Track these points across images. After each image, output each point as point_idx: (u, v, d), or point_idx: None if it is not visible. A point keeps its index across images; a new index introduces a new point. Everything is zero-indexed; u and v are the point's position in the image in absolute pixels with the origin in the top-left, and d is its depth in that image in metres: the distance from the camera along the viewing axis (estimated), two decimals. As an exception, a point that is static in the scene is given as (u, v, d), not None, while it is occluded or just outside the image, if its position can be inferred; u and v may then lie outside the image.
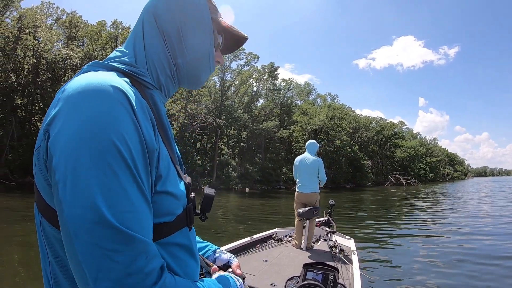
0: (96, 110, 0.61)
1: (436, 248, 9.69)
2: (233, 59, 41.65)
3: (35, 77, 30.66)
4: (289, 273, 3.97)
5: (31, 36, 29.39)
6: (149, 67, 0.84)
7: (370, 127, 68.02)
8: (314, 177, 5.79)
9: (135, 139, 0.64)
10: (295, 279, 3.28)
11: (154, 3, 0.85)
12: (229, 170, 40.31)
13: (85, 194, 0.57)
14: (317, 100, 57.02)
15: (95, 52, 32.80)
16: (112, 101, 0.63)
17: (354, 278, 3.90)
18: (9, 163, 28.02)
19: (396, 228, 13.80)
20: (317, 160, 5.88)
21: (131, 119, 0.64)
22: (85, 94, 0.62)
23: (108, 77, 0.67)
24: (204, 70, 0.93)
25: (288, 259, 4.83)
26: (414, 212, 20.20)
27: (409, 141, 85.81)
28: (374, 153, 68.42)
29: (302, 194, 5.78)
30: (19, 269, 6.48)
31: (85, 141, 0.59)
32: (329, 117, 49.37)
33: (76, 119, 0.60)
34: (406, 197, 36.56)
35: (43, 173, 0.66)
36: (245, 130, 43.37)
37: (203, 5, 0.89)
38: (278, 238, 5.90)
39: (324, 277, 3.11)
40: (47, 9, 35.60)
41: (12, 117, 28.71)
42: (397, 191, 46.57)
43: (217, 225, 12.70)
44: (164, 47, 0.85)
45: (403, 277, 6.74)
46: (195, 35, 0.88)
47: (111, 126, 0.61)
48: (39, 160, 0.67)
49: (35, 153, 0.68)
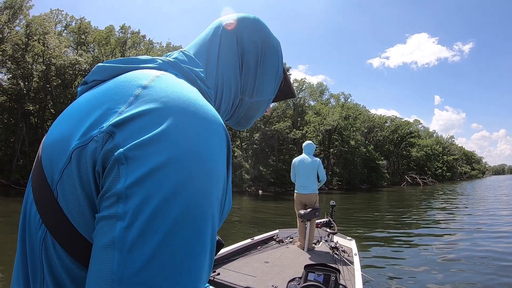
0: (212, 161, 0.47)
1: (442, 249, 9.58)
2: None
3: (45, 83, 30.65)
4: (291, 274, 3.95)
5: (40, 43, 29.48)
6: (216, 91, 0.70)
7: (385, 126, 66.29)
8: (313, 178, 5.71)
9: (219, 203, 0.49)
10: (297, 281, 3.30)
11: (239, 25, 0.74)
12: (242, 173, 39.48)
13: (183, 273, 0.41)
14: (330, 100, 55.64)
15: (103, 57, 32.39)
16: (222, 151, 0.50)
17: (355, 279, 3.92)
18: (20, 168, 28.00)
19: (406, 228, 13.67)
20: (316, 160, 5.78)
21: (224, 180, 0.51)
22: (193, 120, 0.47)
23: (204, 101, 0.52)
24: (258, 115, 0.85)
25: (289, 260, 4.76)
26: (428, 213, 19.90)
27: (425, 139, 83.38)
28: (389, 153, 66.67)
29: (302, 195, 5.70)
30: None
31: (196, 204, 0.43)
32: (343, 117, 48.08)
33: (188, 160, 0.44)
34: (421, 197, 35.63)
35: (84, 185, 0.46)
36: (257, 132, 42.42)
37: (280, 52, 0.82)
38: (279, 239, 5.82)
39: (326, 278, 3.13)
40: (56, 16, 35.96)
41: (22, 123, 28.60)
42: (413, 191, 45.51)
43: (229, 227, 12.55)
44: (238, 77, 0.73)
45: (405, 278, 6.70)
46: (269, 78, 0.79)
47: (215, 193, 0.47)
48: (80, 163, 0.46)
49: (75, 151, 0.47)
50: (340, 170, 50.64)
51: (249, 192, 36.99)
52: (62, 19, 36.73)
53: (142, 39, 35.57)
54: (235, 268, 4.18)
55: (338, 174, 50.70)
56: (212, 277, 3.74)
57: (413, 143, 71.17)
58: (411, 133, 68.82)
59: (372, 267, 7.36)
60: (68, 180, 0.47)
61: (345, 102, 53.78)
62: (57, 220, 0.47)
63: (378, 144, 64.77)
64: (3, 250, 8.00)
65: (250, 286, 3.61)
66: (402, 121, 69.29)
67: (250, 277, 3.91)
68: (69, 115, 0.55)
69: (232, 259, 4.55)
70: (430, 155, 79.16)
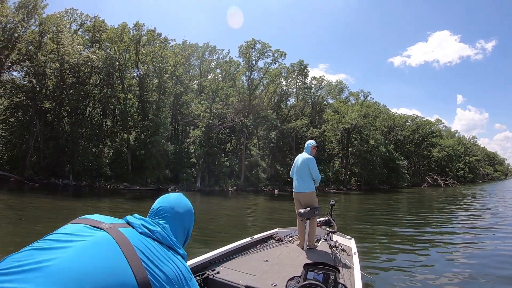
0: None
1: (446, 251, 9.86)
2: (260, 57, 39.34)
3: (59, 81, 30.29)
4: (290, 273, 3.87)
5: (55, 42, 29.18)
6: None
7: (406, 125, 63.58)
8: (306, 177, 5.56)
9: None
10: (296, 279, 3.34)
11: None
12: (258, 172, 38.11)
13: None
14: (349, 98, 53.60)
15: (117, 54, 31.59)
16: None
17: (354, 278, 3.92)
18: (33, 164, 27.72)
19: (416, 229, 13.99)
20: (307, 157, 5.62)
21: None
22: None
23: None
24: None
25: (288, 259, 4.71)
26: (443, 215, 19.81)
27: (447, 139, 79.97)
28: (410, 153, 63.91)
29: (296, 194, 5.66)
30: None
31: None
32: (362, 115, 45.96)
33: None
34: (441, 199, 34.79)
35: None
36: (274, 130, 40.95)
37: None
38: (279, 238, 5.76)
39: (325, 277, 3.17)
40: (71, 15, 35.84)
41: (36, 120, 28.23)
42: (434, 193, 44.36)
43: (244, 226, 12.92)
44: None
45: (405, 278, 6.81)
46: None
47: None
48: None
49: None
50: (359, 170, 48.63)
51: (265, 191, 35.60)
52: (77, 18, 36.59)
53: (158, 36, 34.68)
54: (234, 267, 4.11)
55: (357, 174, 48.71)
56: (211, 275, 3.72)
57: (435, 143, 68.08)
58: (432, 132, 65.78)
59: (372, 267, 7.44)
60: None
61: (365, 100, 51.56)
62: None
63: (399, 144, 62.06)
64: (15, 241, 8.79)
65: (250, 285, 3.57)
66: (423, 120, 66.29)
67: (250, 276, 3.85)
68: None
69: (231, 257, 4.44)
70: (451, 155, 75.68)
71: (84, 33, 36.84)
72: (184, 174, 32.43)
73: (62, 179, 27.87)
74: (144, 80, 34.24)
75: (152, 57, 32.66)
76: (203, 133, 33.36)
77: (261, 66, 40.30)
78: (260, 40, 38.78)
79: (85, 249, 0.97)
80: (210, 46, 41.86)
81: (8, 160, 28.95)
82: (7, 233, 10.04)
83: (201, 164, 33.30)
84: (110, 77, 32.99)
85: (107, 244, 1.02)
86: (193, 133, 33.70)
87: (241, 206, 24.33)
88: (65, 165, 28.13)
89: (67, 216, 11.89)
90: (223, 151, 38.41)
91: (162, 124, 32.13)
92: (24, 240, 7.58)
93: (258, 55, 39.11)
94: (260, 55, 39.10)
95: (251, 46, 38.63)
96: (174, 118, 39.54)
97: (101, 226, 1.09)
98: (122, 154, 32.18)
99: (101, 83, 33.50)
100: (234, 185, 35.41)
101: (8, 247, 7.89)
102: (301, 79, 43.89)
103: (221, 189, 34.04)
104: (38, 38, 29.07)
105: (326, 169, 46.47)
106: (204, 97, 37.66)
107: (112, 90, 32.94)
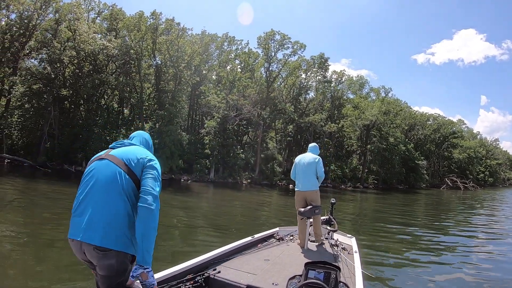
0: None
1: (458, 255, 9.68)
2: (279, 49, 37.87)
3: (75, 69, 30.05)
4: (291, 272, 3.84)
5: (71, 30, 28.91)
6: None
7: (427, 124, 61.01)
8: (311, 175, 5.45)
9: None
10: (297, 278, 3.34)
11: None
12: (273, 165, 36.80)
13: (159, 185, 2.22)
14: (370, 94, 51.53)
15: (133, 42, 30.80)
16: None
17: (356, 277, 3.85)
18: (47, 150, 27.48)
19: (429, 232, 13.74)
20: (316, 157, 5.51)
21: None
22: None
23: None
24: None
25: (289, 258, 4.62)
26: (456, 218, 19.39)
27: (468, 141, 76.67)
28: (430, 153, 61.33)
29: (300, 193, 5.53)
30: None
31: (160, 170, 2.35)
32: (382, 112, 43.98)
33: (158, 163, 2.35)
34: (458, 202, 33.70)
35: (141, 166, 2.25)
36: (291, 124, 39.46)
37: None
38: (280, 237, 5.62)
39: (326, 275, 3.15)
40: (89, 4, 35.37)
41: (51, 106, 27.86)
42: (453, 196, 42.84)
43: (256, 222, 12.41)
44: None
45: (405, 278, 6.86)
46: None
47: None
48: (139, 164, 2.24)
49: (140, 160, 2.26)
50: (376, 168, 46.72)
51: (280, 186, 34.24)
52: (95, 7, 36.02)
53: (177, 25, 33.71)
54: (235, 266, 4.04)
55: (375, 172, 46.82)
56: (212, 275, 3.67)
57: (456, 144, 65.27)
58: (454, 133, 62.99)
59: (373, 264, 7.51)
60: (137, 166, 2.23)
61: (385, 97, 49.42)
62: (132, 175, 2.20)
63: (419, 143, 59.51)
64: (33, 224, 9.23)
65: (251, 284, 3.53)
66: (445, 120, 63.55)
67: (251, 275, 3.79)
68: (127, 151, 2.33)
69: (232, 257, 4.37)
70: (472, 157, 72.38)
71: (102, 21, 36.33)
72: (198, 165, 31.39)
73: (75, 166, 27.27)
74: (160, 70, 33.47)
75: (168, 45, 31.67)
76: (218, 124, 32.19)
77: (280, 58, 38.88)
78: (279, 31, 37.38)
79: (101, 167, 2.22)
80: (229, 36, 40.58)
81: (23, 146, 28.65)
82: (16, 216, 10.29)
83: (215, 156, 32.18)
84: (126, 66, 32.33)
85: (107, 163, 2.23)
86: (208, 123, 32.56)
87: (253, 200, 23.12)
88: (79, 152, 27.53)
89: (64, 203, 12.43)
90: (239, 143, 37.20)
91: (177, 114, 31.13)
92: (31, 221, 9.72)
93: (277, 47, 37.63)
94: (279, 46, 37.61)
95: (270, 37, 37.21)
96: (191, 108, 38.64)
97: (102, 157, 2.29)
98: (136, 143, 31.33)
99: (118, 71, 32.79)
100: (248, 178, 34.21)
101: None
102: (321, 72, 42.14)
103: (235, 182, 32.88)
104: (55, 26, 28.70)
105: (344, 166, 44.84)
106: (221, 87, 36.50)
107: (128, 78, 32.24)
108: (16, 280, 5.52)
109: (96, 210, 2.05)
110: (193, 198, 21.76)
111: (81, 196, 2.13)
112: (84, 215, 2.05)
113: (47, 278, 5.65)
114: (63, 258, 6.43)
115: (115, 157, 2.22)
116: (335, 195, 32.57)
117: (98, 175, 2.16)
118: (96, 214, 2.04)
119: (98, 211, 2.05)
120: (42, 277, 5.69)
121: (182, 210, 15.78)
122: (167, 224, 10.69)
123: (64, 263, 6.20)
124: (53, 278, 5.67)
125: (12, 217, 10.02)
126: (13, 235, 7.91)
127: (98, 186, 2.12)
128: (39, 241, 7.80)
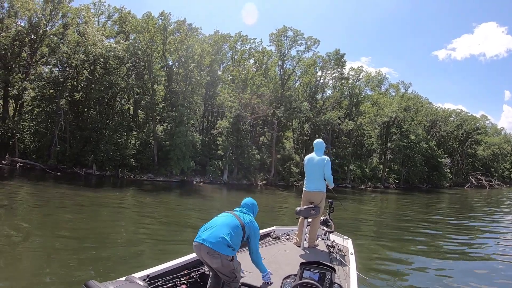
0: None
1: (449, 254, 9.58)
2: (292, 45, 35.88)
3: (86, 72, 29.36)
4: (286, 271, 3.77)
5: (80, 35, 28.34)
6: None
7: (449, 120, 57.45)
8: (319, 176, 5.32)
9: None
10: (292, 278, 3.34)
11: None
12: (290, 166, 34.75)
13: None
14: (389, 90, 48.64)
15: (142, 43, 29.67)
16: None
17: (350, 279, 3.86)
18: (57, 154, 26.65)
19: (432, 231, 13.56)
20: (324, 159, 5.33)
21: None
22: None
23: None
24: None
25: (285, 257, 4.62)
26: (468, 220, 18.29)
27: (492, 137, 72.18)
28: (453, 150, 57.65)
29: (307, 193, 5.40)
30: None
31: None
32: (402, 108, 41.22)
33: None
34: (481, 201, 31.70)
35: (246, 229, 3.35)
36: (307, 122, 37.29)
37: None
38: (276, 236, 5.52)
39: (321, 276, 3.13)
40: (98, 8, 34.92)
41: (61, 110, 27.09)
42: (477, 195, 39.78)
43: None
44: None
45: (402, 279, 6.88)
46: None
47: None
48: (245, 226, 3.33)
49: (247, 225, 3.31)
50: (398, 167, 43.90)
51: (297, 187, 32.12)
52: (104, 11, 35.46)
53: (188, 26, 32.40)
54: None
55: (396, 172, 43.98)
56: (208, 271, 3.57)
57: (480, 141, 61.30)
58: (477, 129, 59.01)
59: (368, 268, 7.36)
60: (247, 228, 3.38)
61: (405, 92, 46.48)
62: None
63: (441, 140, 55.93)
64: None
65: (246, 282, 3.50)
66: (468, 115, 59.71)
67: (247, 273, 3.71)
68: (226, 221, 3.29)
69: None
70: (497, 154, 67.89)
71: (113, 25, 35.70)
72: (211, 166, 29.70)
73: (86, 169, 26.16)
74: (171, 71, 32.06)
75: (177, 45, 30.26)
76: (231, 124, 30.41)
77: (293, 54, 36.88)
78: (291, 27, 35.44)
79: (225, 220, 3.23)
80: (242, 35, 38.86)
81: (34, 149, 27.81)
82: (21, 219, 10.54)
83: (228, 156, 30.41)
84: (137, 68, 31.22)
85: (231, 216, 3.29)
86: (220, 124, 30.86)
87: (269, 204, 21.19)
88: (89, 155, 26.43)
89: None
90: (255, 144, 35.33)
91: (189, 115, 29.57)
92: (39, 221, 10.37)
93: (290, 43, 35.67)
94: (292, 43, 35.64)
95: (282, 33, 35.31)
96: (206, 109, 37.19)
97: (230, 212, 3.37)
98: (148, 145, 30.06)
99: (128, 73, 31.69)
100: (264, 179, 32.27)
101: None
102: (338, 69, 39.83)
103: (250, 183, 30.99)
104: (62, 30, 28.02)
105: (363, 165, 42.29)
106: (233, 87, 34.81)
107: (138, 80, 31.10)
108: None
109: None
110: (199, 199, 20.30)
111: None
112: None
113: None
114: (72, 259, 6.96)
115: (237, 216, 3.46)
116: (356, 196, 30.53)
117: None
118: None
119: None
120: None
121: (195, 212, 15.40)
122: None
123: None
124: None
125: (16, 221, 10.14)
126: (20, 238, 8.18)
127: None
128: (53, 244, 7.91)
